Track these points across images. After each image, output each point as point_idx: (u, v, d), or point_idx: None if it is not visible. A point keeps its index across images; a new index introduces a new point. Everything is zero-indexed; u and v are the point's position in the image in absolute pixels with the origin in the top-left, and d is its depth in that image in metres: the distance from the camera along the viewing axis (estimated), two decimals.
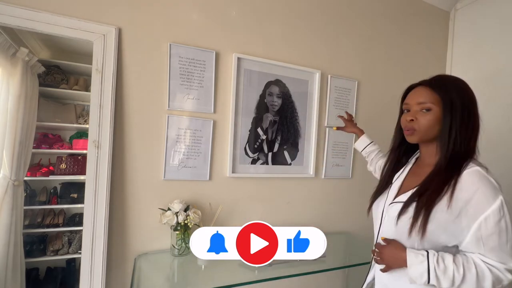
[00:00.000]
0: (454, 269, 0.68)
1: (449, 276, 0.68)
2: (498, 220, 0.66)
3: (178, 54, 1.30)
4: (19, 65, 1.16)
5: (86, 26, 1.14)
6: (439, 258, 0.70)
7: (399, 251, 0.76)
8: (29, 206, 1.31)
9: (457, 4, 2.05)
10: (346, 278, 1.78)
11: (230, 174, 1.41)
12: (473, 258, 0.70)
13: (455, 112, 0.74)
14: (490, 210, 0.66)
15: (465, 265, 0.69)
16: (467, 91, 0.78)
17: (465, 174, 0.71)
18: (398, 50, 1.91)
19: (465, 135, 0.74)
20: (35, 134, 1.26)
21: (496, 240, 0.67)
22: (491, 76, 1.81)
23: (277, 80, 1.52)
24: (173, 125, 1.30)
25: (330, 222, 1.72)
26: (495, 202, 0.67)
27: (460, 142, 0.74)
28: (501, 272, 0.68)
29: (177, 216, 1.21)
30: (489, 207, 0.67)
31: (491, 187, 0.68)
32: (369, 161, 1.28)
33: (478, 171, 0.70)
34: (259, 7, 1.47)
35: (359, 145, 1.32)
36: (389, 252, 0.79)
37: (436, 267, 0.69)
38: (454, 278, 0.68)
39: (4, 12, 1.04)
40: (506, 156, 1.68)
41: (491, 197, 0.67)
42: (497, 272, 0.68)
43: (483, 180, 0.69)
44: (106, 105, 1.17)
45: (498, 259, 0.68)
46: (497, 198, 0.67)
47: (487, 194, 0.68)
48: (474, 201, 0.68)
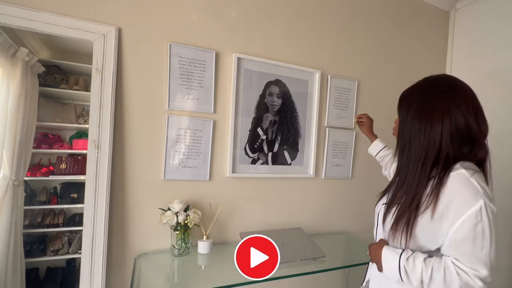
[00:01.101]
0: (422, 268, 0.69)
1: (417, 275, 0.69)
2: (474, 225, 0.64)
3: (178, 54, 1.30)
4: (19, 65, 1.16)
5: (86, 26, 1.14)
6: (410, 257, 0.71)
7: (379, 247, 0.79)
8: (29, 206, 1.31)
9: (457, 4, 2.05)
10: (346, 278, 1.78)
11: (230, 174, 1.41)
12: (446, 260, 0.69)
13: (405, 111, 0.78)
14: (467, 214, 0.65)
15: (434, 266, 0.69)
16: (431, 87, 0.77)
17: (448, 177, 0.69)
18: (398, 50, 1.91)
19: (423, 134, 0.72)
20: (35, 134, 1.26)
21: (469, 245, 0.65)
22: (491, 76, 1.81)
23: (277, 80, 1.52)
24: (173, 125, 1.30)
25: (330, 222, 1.72)
26: (473, 206, 0.65)
27: (419, 142, 0.73)
28: (471, 277, 0.65)
29: (177, 216, 1.21)
30: (467, 210, 0.65)
31: (472, 190, 0.66)
32: (383, 166, 1.29)
33: (462, 174, 0.68)
34: (259, 7, 1.47)
35: (373, 150, 1.34)
36: (373, 249, 0.82)
37: (406, 265, 0.71)
38: (422, 277, 0.69)
39: (4, 12, 1.04)
40: (507, 156, 1.68)
41: (470, 201, 0.65)
42: (466, 277, 0.66)
43: (465, 183, 0.67)
44: (106, 105, 1.17)
45: (469, 265, 0.66)
46: (477, 203, 0.65)
47: (467, 198, 0.66)
48: (454, 205, 0.67)
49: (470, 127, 0.71)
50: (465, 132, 0.71)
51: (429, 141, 0.72)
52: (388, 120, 1.83)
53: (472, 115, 0.71)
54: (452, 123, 0.70)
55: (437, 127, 0.71)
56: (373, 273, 0.90)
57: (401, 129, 0.80)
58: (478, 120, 0.72)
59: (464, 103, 0.72)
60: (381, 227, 0.84)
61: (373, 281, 0.90)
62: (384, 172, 1.29)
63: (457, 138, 0.71)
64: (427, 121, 0.73)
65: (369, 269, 0.95)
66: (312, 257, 1.28)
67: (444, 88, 0.75)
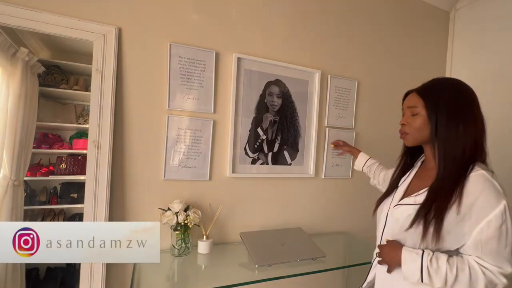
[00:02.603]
0: (447, 268, 0.69)
1: (442, 275, 0.69)
2: (500, 225, 0.67)
3: (178, 54, 1.30)
4: (19, 65, 1.16)
5: (86, 26, 1.14)
6: (433, 257, 0.71)
7: (396, 249, 0.78)
8: (29, 206, 1.30)
9: (457, 4, 2.05)
10: (346, 278, 1.78)
11: (230, 174, 1.41)
12: (468, 259, 0.70)
13: (440, 112, 0.77)
14: (493, 215, 0.67)
15: (458, 266, 0.69)
16: (456, 91, 0.79)
17: (470, 178, 0.71)
18: (398, 50, 1.91)
19: (458, 135, 0.74)
20: (35, 134, 1.26)
21: (495, 244, 0.67)
22: (491, 76, 1.81)
23: (277, 80, 1.52)
24: (173, 125, 1.30)
25: (330, 222, 1.72)
26: (498, 206, 0.67)
27: (455, 142, 0.74)
28: (495, 275, 0.68)
29: (177, 216, 1.21)
30: (492, 211, 0.67)
31: (494, 191, 0.68)
32: (371, 175, 1.31)
33: (483, 175, 0.70)
34: (259, 7, 1.47)
35: (358, 163, 1.38)
36: (387, 250, 0.81)
37: (429, 266, 0.71)
38: (447, 278, 0.69)
39: (4, 12, 1.04)
40: (508, 156, 1.68)
41: (494, 202, 0.67)
42: (490, 275, 0.68)
43: (487, 184, 0.69)
44: (106, 105, 1.17)
45: (494, 263, 0.68)
46: (500, 203, 0.67)
47: (490, 199, 0.68)
48: (477, 206, 0.68)
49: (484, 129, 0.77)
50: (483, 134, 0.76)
51: (465, 143, 0.74)
52: (388, 120, 1.84)
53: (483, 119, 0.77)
54: (478, 126, 0.75)
55: (470, 130, 0.74)
56: (380, 275, 0.89)
57: (432, 128, 0.78)
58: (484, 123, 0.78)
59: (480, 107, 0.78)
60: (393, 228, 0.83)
61: (379, 283, 0.89)
62: (373, 181, 1.31)
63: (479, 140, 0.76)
64: (464, 124, 0.75)
65: (372, 270, 0.94)
66: (312, 257, 1.28)
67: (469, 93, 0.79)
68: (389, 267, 0.82)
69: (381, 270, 0.86)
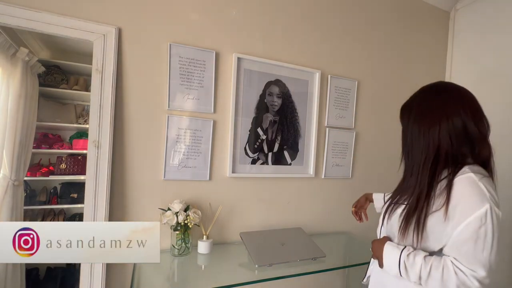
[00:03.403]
0: (422, 265, 0.72)
1: (416, 271, 0.72)
2: (478, 227, 0.66)
3: (178, 54, 1.30)
4: (19, 65, 1.16)
5: (86, 26, 1.14)
6: (411, 253, 0.74)
7: (381, 243, 0.82)
8: (29, 206, 1.30)
9: (457, 4, 2.05)
10: (346, 278, 1.78)
11: (230, 174, 1.41)
12: (445, 259, 0.71)
13: (404, 117, 0.83)
14: (473, 217, 0.66)
15: (433, 264, 0.71)
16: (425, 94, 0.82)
17: (457, 180, 0.71)
18: (398, 50, 1.91)
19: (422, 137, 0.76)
20: (35, 134, 1.26)
21: (471, 246, 0.67)
22: (491, 76, 1.80)
23: (277, 80, 1.52)
24: (173, 125, 1.30)
25: (330, 222, 1.72)
26: (479, 209, 0.66)
27: (417, 144, 0.77)
28: (468, 278, 0.67)
29: (177, 216, 1.21)
30: (473, 214, 0.66)
31: (479, 194, 0.68)
32: None
33: (470, 177, 0.70)
34: (259, 7, 1.47)
35: (378, 204, 1.21)
36: (377, 245, 0.85)
37: (406, 260, 0.74)
38: (421, 274, 0.72)
39: (4, 12, 1.04)
40: (507, 156, 1.68)
41: (477, 204, 0.67)
42: (463, 277, 0.67)
43: (472, 187, 0.69)
44: (106, 105, 1.17)
45: (468, 265, 0.67)
46: (483, 206, 0.66)
47: (473, 201, 0.67)
48: (460, 207, 0.69)
49: (467, 127, 0.73)
50: (463, 132, 0.74)
51: (428, 143, 0.75)
52: (388, 120, 1.84)
53: (470, 116, 0.73)
54: (450, 124, 0.73)
55: (435, 129, 0.75)
56: (374, 269, 0.92)
57: (404, 136, 0.85)
58: (476, 120, 0.74)
59: (460, 104, 0.75)
60: (385, 226, 0.87)
61: (373, 277, 0.93)
62: None
63: (456, 138, 0.74)
64: (425, 124, 0.77)
65: (371, 265, 0.97)
66: (312, 257, 1.28)
67: (440, 92, 0.79)
68: (378, 261, 0.85)
69: (376, 264, 0.90)
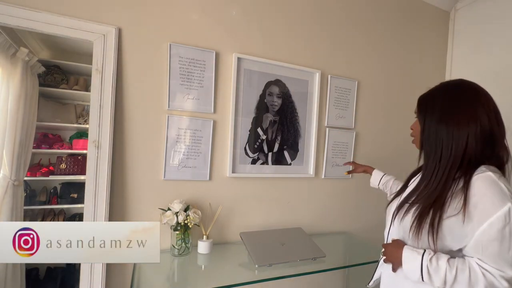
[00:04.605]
0: (446, 269, 0.69)
1: (441, 275, 0.70)
2: (502, 227, 0.65)
3: (178, 54, 1.30)
4: (19, 65, 1.16)
5: (86, 26, 1.14)
6: (434, 257, 0.71)
7: (398, 248, 0.79)
8: (29, 206, 1.30)
9: (457, 4, 2.05)
10: (346, 278, 1.78)
11: (230, 174, 1.41)
12: (470, 261, 0.70)
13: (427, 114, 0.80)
14: (495, 216, 0.65)
15: (458, 267, 0.69)
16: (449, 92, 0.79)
17: (475, 179, 0.70)
18: (398, 50, 1.91)
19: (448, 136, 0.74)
20: (35, 134, 1.26)
21: (496, 246, 0.66)
22: (491, 76, 1.81)
23: (277, 80, 1.52)
24: (173, 125, 1.30)
25: (330, 222, 1.72)
26: (502, 208, 0.65)
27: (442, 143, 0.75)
28: (496, 278, 0.66)
29: (177, 216, 1.21)
30: (495, 213, 0.66)
31: (499, 193, 0.67)
32: (388, 191, 1.26)
33: (489, 176, 0.69)
34: (259, 7, 1.47)
35: (373, 180, 1.30)
36: (391, 249, 0.82)
37: (429, 265, 0.71)
38: (446, 278, 0.69)
39: (4, 12, 1.04)
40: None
41: (498, 203, 0.66)
42: (491, 278, 0.67)
43: (492, 185, 0.68)
44: (106, 105, 1.17)
45: (496, 266, 0.67)
46: (505, 205, 0.65)
47: (494, 200, 0.66)
48: (480, 207, 0.67)
49: (493, 129, 0.74)
50: (488, 134, 0.73)
51: (457, 145, 0.73)
52: (388, 120, 1.84)
53: (494, 118, 0.74)
54: (478, 127, 0.73)
55: (464, 131, 0.73)
56: (385, 273, 0.90)
57: (426, 134, 0.80)
58: (498, 122, 0.75)
59: (487, 106, 0.75)
60: (397, 227, 0.84)
61: (385, 281, 0.90)
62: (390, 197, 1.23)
63: (481, 141, 0.73)
64: (454, 125, 0.74)
65: (378, 269, 0.95)
66: (312, 257, 1.28)
67: (467, 92, 0.77)
68: (393, 266, 0.82)
69: (387, 268, 0.87)
